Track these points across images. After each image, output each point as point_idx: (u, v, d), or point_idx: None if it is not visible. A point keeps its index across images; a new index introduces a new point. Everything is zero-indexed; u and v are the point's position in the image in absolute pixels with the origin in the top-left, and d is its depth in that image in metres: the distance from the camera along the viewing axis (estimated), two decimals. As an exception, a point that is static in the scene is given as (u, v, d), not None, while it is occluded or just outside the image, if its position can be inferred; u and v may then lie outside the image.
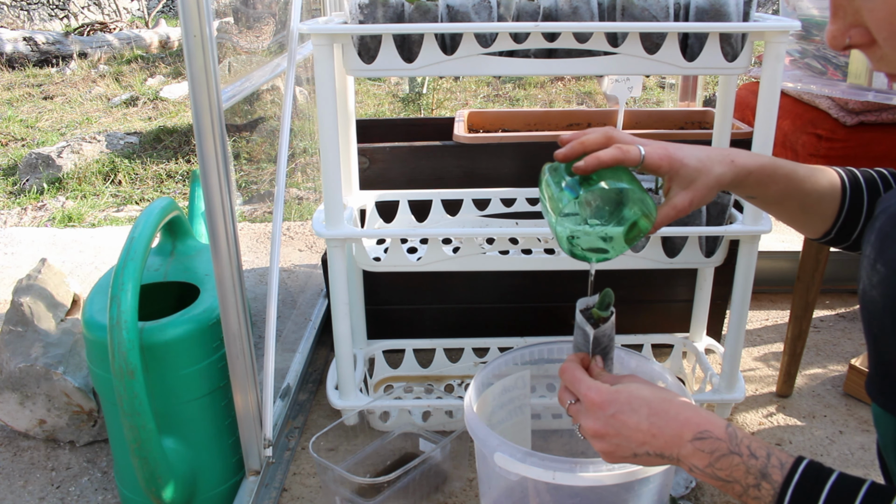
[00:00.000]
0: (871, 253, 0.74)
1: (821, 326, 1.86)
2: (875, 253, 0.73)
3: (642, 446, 0.77)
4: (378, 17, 1.13)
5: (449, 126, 1.70)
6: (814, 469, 0.68)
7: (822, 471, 0.68)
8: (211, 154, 1.04)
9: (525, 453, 0.91)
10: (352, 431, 1.41)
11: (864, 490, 0.65)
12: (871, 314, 0.74)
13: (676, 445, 0.75)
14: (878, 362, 0.76)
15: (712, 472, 0.73)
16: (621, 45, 1.14)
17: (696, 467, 0.74)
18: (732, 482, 0.72)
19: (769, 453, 0.71)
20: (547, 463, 0.90)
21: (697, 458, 0.74)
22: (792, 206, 0.93)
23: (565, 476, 0.89)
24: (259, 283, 2.18)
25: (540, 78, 5.34)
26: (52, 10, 9.47)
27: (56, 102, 5.29)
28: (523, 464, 0.90)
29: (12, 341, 1.46)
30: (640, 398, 0.78)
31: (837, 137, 1.37)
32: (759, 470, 0.70)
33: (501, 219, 1.52)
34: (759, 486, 0.70)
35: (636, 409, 0.77)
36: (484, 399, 1.10)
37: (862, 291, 0.76)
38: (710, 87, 3.59)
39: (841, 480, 0.67)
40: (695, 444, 0.74)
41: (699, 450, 0.74)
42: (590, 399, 0.80)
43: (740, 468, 0.71)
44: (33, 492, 1.39)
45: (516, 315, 1.70)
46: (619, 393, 0.79)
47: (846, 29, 0.68)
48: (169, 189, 3.62)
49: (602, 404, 0.79)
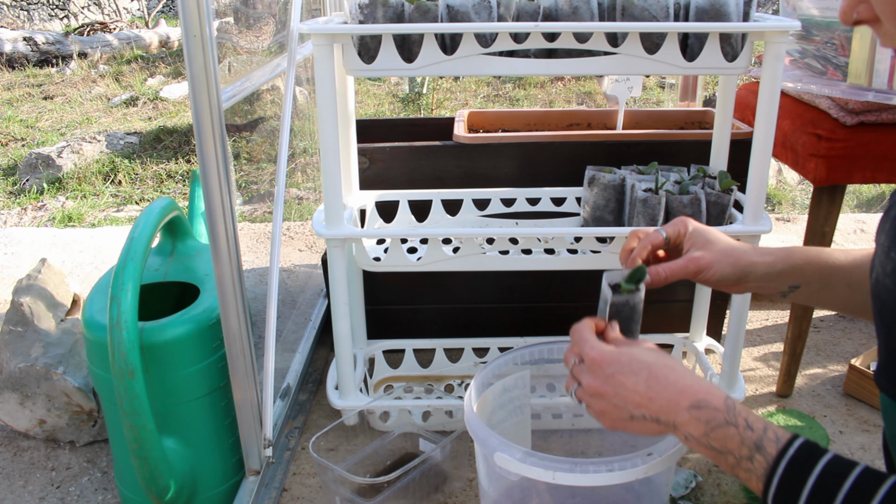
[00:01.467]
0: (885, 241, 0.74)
1: (821, 326, 1.86)
2: (889, 241, 0.73)
3: (638, 408, 0.77)
4: (378, 17, 1.13)
5: (449, 126, 1.70)
6: (809, 447, 0.68)
7: (817, 449, 0.68)
8: (211, 154, 1.04)
9: (525, 453, 0.91)
10: (352, 431, 1.41)
11: (856, 472, 0.65)
12: (884, 303, 0.73)
13: (673, 412, 0.75)
14: (890, 352, 0.75)
15: (707, 442, 0.73)
16: (621, 45, 1.14)
17: (691, 436, 0.74)
18: (726, 453, 0.72)
19: (766, 427, 0.71)
20: (547, 463, 0.90)
21: (693, 427, 0.74)
22: (839, 287, 0.91)
23: (565, 476, 0.89)
24: (259, 283, 2.18)
25: (540, 78, 5.34)
26: (52, 10, 9.47)
27: (56, 102, 5.29)
28: (523, 464, 0.90)
29: (12, 341, 1.46)
30: (641, 361, 0.78)
31: (837, 137, 1.37)
32: (753, 442, 0.70)
33: (501, 219, 1.52)
34: (752, 459, 0.70)
35: (636, 371, 0.78)
36: (484, 399, 1.10)
37: (875, 280, 0.75)
38: (710, 87, 3.59)
39: (835, 460, 0.67)
40: (691, 413, 0.74)
41: (695, 418, 0.74)
42: (591, 357, 0.81)
43: (735, 439, 0.71)
44: (33, 492, 1.39)
45: (516, 315, 1.70)
46: (621, 354, 0.80)
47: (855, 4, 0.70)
48: (169, 189, 3.62)
49: (602, 363, 0.79)
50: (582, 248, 1.38)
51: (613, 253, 1.29)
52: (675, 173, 1.41)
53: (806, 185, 3.36)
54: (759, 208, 1.25)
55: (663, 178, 1.37)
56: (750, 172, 1.23)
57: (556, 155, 1.58)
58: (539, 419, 1.33)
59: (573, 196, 1.51)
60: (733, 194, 1.33)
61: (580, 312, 1.00)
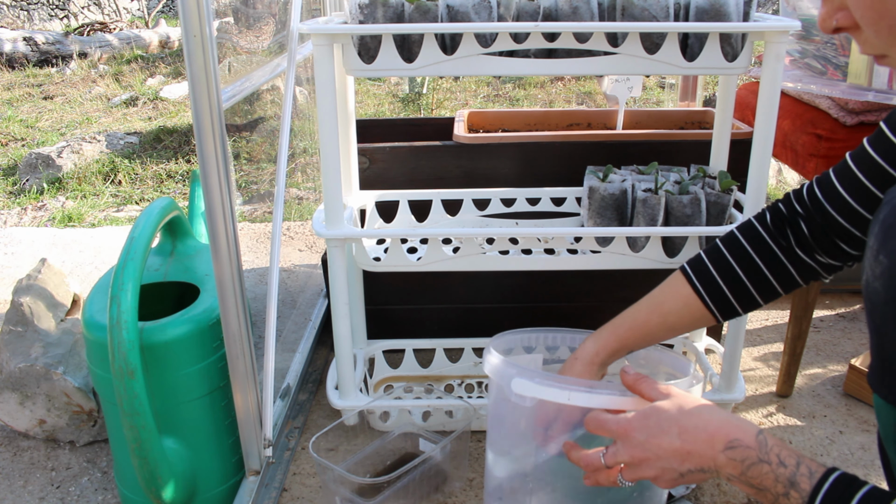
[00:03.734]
0: (874, 244, 0.74)
1: (821, 326, 1.86)
2: (878, 244, 0.73)
3: (683, 464, 0.78)
4: (378, 17, 1.13)
5: (449, 126, 1.70)
6: (844, 480, 0.68)
7: (854, 483, 0.68)
8: (211, 154, 1.04)
9: (542, 376, 0.91)
10: (352, 431, 1.41)
11: None
12: (873, 305, 0.74)
13: (711, 458, 0.76)
14: (880, 353, 0.76)
15: (746, 480, 0.74)
16: (621, 45, 1.14)
17: (732, 476, 0.75)
18: (764, 490, 0.73)
19: (798, 462, 0.72)
20: (563, 384, 0.90)
21: (731, 468, 0.75)
22: (663, 337, 1.02)
23: (580, 397, 0.89)
24: (259, 283, 2.18)
25: (540, 78, 5.34)
26: (52, 10, 9.47)
27: (56, 102, 5.29)
28: (540, 386, 0.90)
29: (12, 341, 1.46)
30: (668, 417, 0.79)
31: (837, 137, 1.37)
32: (787, 478, 0.71)
33: (501, 219, 1.52)
34: (788, 495, 0.71)
35: (666, 429, 0.78)
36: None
37: (865, 283, 0.76)
38: (710, 87, 3.59)
39: (872, 492, 0.66)
40: (727, 454, 0.75)
41: (731, 459, 0.75)
42: (619, 431, 0.81)
43: (769, 476, 0.72)
44: (33, 492, 1.39)
45: (516, 315, 1.70)
46: (647, 416, 0.80)
47: (833, 12, 0.71)
48: (169, 189, 3.62)
49: (631, 431, 0.80)
50: (582, 248, 1.38)
51: (614, 253, 1.29)
52: (675, 173, 1.41)
53: (806, 185, 3.36)
54: (758, 208, 1.25)
55: (663, 178, 1.37)
56: (750, 172, 1.23)
57: (556, 155, 1.58)
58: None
59: (573, 196, 1.51)
60: (733, 194, 1.33)
61: (580, 312, 1.00)
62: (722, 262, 0.99)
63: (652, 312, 1.01)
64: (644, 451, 0.79)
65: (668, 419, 0.79)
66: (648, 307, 1.02)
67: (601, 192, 1.31)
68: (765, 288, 0.99)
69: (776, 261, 0.98)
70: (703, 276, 0.99)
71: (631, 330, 1.01)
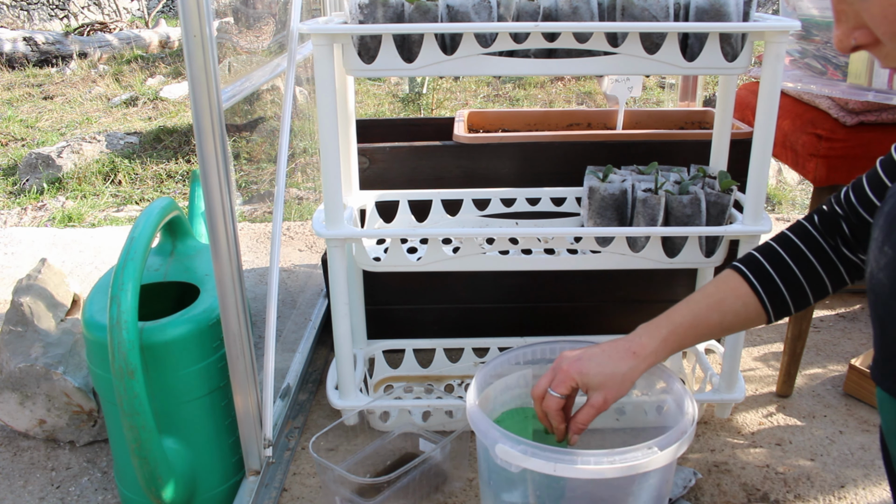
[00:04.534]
0: (878, 236, 0.75)
1: (821, 326, 1.86)
2: (883, 236, 0.74)
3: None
4: (378, 17, 1.13)
5: (449, 126, 1.70)
6: None
7: None
8: (211, 154, 1.04)
9: (526, 445, 0.91)
10: (352, 431, 1.41)
11: None
12: (877, 297, 0.74)
13: None
14: (884, 346, 0.76)
15: None
16: (621, 45, 1.14)
17: None
18: None
19: None
20: (548, 454, 0.90)
21: None
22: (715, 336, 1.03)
23: (566, 468, 0.89)
24: (259, 283, 2.18)
25: (540, 78, 5.34)
26: (52, 10, 9.47)
27: (56, 102, 5.29)
28: (524, 455, 0.91)
29: (12, 341, 1.46)
30: None
31: (837, 137, 1.37)
32: None
33: (501, 219, 1.52)
34: None
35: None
36: (485, 396, 1.10)
37: (869, 275, 0.76)
38: (710, 87, 3.59)
39: None
40: None
41: None
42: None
43: None
44: (33, 492, 1.39)
45: (516, 315, 1.70)
46: None
47: (850, 32, 0.72)
48: (169, 189, 3.62)
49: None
50: (582, 248, 1.38)
51: (614, 253, 1.29)
52: (675, 173, 1.41)
53: (806, 185, 3.36)
54: (759, 208, 1.25)
55: (663, 178, 1.37)
56: (750, 172, 1.23)
57: (556, 155, 1.58)
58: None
59: (573, 196, 1.51)
60: (733, 194, 1.33)
61: (580, 312, 1.01)
62: (778, 261, 0.99)
63: (712, 310, 0.99)
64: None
65: None
66: (708, 305, 1.00)
67: (601, 192, 1.31)
68: (818, 286, 0.99)
69: (827, 259, 0.99)
70: (760, 275, 0.99)
71: (691, 328, 0.99)
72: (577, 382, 0.97)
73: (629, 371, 0.97)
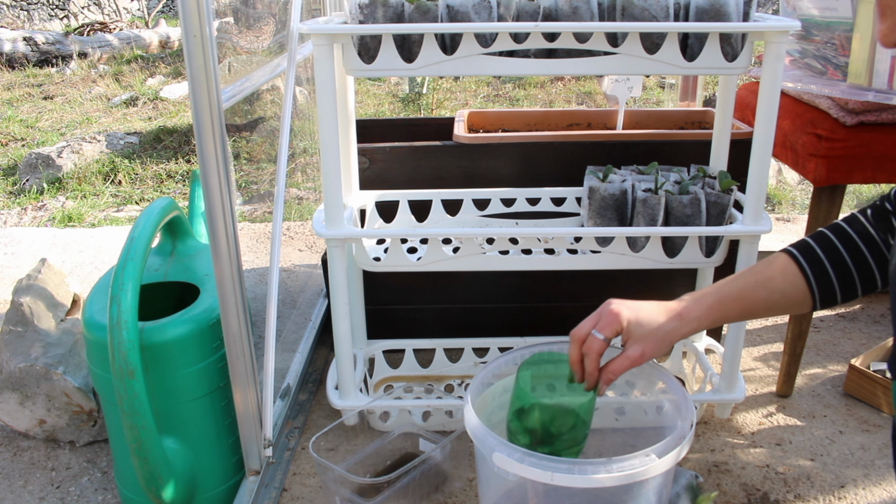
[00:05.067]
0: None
1: (821, 326, 1.86)
2: None
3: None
4: (378, 17, 1.13)
5: (449, 126, 1.70)
6: None
7: None
8: (211, 154, 1.04)
9: (523, 453, 0.91)
10: (352, 431, 1.41)
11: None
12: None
13: None
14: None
15: None
16: (621, 45, 1.14)
17: None
18: None
19: None
20: (545, 463, 0.89)
21: None
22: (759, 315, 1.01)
23: (563, 477, 0.89)
24: (259, 283, 2.18)
25: (540, 78, 5.34)
26: (52, 10, 9.47)
27: (56, 102, 5.29)
28: (521, 464, 0.90)
29: (12, 341, 1.46)
30: None
31: (837, 137, 1.37)
32: None
33: (501, 219, 1.52)
34: None
35: None
36: (483, 399, 1.10)
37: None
38: (710, 87, 3.59)
39: None
40: None
41: None
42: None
43: None
44: (33, 492, 1.39)
45: (516, 315, 1.70)
46: None
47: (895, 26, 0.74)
48: (169, 189, 3.62)
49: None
50: (582, 248, 1.38)
51: (614, 253, 1.29)
52: (675, 173, 1.41)
53: (806, 185, 3.36)
54: (759, 208, 1.25)
55: (663, 178, 1.37)
56: (750, 172, 1.23)
57: (556, 155, 1.58)
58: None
59: (573, 196, 1.51)
60: (733, 194, 1.33)
61: (580, 312, 1.00)
62: (830, 247, 0.98)
63: (759, 287, 0.98)
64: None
65: None
66: (756, 281, 0.99)
67: (601, 193, 1.31)
68: (867, 277, 0.98)
69: (879, 252, 0.98)
70: (812, 260, 0.98)
71: (737, 301, 0.98)
72: (622, 328, 0.96)
73: (672, 330, 0.96)
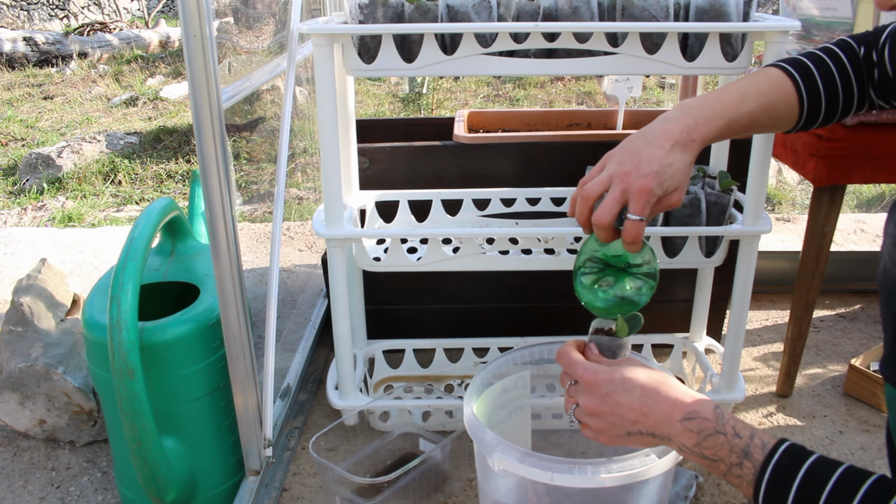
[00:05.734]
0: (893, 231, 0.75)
1: (821, 326, 1.86)
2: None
3: (635, 425, 0.80)
4: (378, 17, 1.13)
5: (449, 126, 1.70)
6: (794, 450, 0.71)
7: (802, 452, 0.70)
8: (211, 154, 1.04)
9: (523, 454, 0.91)
10: (352, 431, 1.41)
11: (839, 471, 0.67)
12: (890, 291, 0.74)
13: (666, 425, 0.78)
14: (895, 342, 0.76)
15: (699, 451, 0.75)
16: (621, 45, 1.14)
17: (685, 446, 0.77)
18: (718, 461, 0.75)
19: (752, 434, 0.74)
20: (545, 464, 0.89)
21: (686, 438, 0.76)
22: (748, 134, 0.96)
23: (563, 477, 0.89)
24: (259, 283, 2.18)
25: (540, 78, 5.34)
26: (52, 10, 9.47)
27: (56, 102, 5.29)
28: (521, 464, 0.90)
29: (12, 341, 1.46)
30: (634, 380, 0.81)
31: (837, 137, 1.37)
32: (741, 449, 0.73)
33: (501, 219, 1.52)
34: (742, 465, 0.73)
35: (630, 389, 0.80)
36: (483, 399, 1.10)
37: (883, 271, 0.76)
38: (710, 87, 3.59)
39: (819, 461, 0.69)
40: (684, 424, 0.77)
41: (688, 429, 0.76)
42: (586, 379, 0.83)
43: (724, 447, 0.74)
44: (33, 492, 1.39)
45: (516, 315, 1.70)
46: (614, 373, 0.82)
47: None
48: (169, 189, 3.62)
49: (597, 384, 0.82)
50: (582, 248, 1.37)
51: (613, 253, 1.28)
52: (675, 173, 1.40)
53: (806, 185, 3.36)
54: (759, 208, 1.25)
55: (663, 178, 1.37)
56: (750, 172, 1.23)
57: (556, 155, 1.58)
58: (539, 419, 1.33)
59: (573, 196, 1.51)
60: (733, 194, 1.33)
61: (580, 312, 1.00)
62: (825, 68, 0.94)
63: (765, 113, 0.92)
64: (601, 404, 0.81)
65: (633, 381, 0.81)
66: (763, 106, 0.91)
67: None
68: (847, 102, 0.95)
69: (862, 82, 0.95)
70: (805, 76, 0.94)
71: (744, 129, 0.91)
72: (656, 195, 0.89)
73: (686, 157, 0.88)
